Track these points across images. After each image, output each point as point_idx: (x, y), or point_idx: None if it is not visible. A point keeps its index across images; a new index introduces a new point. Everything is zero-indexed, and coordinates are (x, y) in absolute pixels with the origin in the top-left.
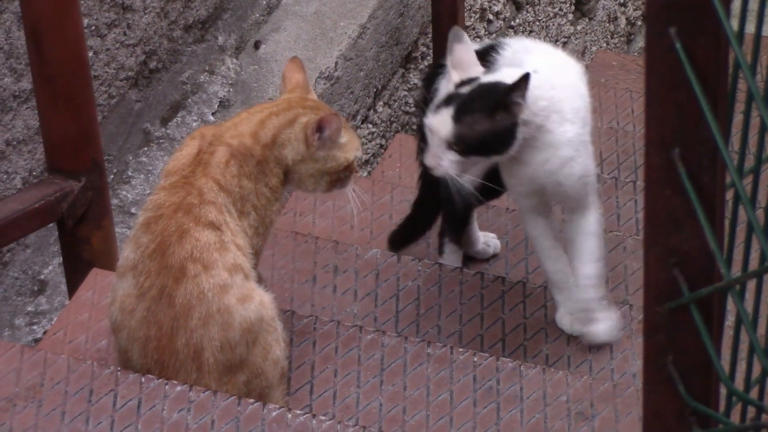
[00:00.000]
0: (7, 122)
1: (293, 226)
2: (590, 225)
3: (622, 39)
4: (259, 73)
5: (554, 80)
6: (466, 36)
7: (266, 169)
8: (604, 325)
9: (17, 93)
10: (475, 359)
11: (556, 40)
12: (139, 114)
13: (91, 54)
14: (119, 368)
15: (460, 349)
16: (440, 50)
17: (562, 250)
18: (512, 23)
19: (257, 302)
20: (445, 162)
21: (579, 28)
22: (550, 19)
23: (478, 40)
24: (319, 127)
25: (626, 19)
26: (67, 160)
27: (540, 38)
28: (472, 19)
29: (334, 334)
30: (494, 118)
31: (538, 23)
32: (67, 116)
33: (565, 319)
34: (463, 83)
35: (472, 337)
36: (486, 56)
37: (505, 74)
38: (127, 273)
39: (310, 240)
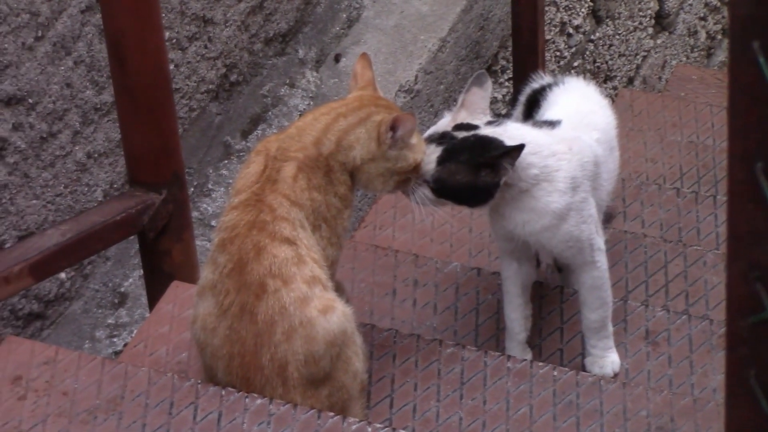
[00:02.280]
0: (89, 135)
1: (373, 239)
2: (588, 280)
3: (702, 53)
4: (339, 86)
5: (559, 146)
6: (489, 83)
7: (333, 179)
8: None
9: (99, 105)
10: (555, 373)
11: (636, 54)
12: (219, 127)
13: (172, 67)
14: (200, 381)
15: (540, 363)
16: (520, 64)
17: (526, 301)
18: (592, 37)
19: (339, 313)
20: (419, 191)
21: (659, 42)
22: (630, 32)
23: (558, 54)
24: (393, 126)
25: (706, 33)
26: (148, 173)
27: (620, 52)
28: (552, 33)
29: (413, 347)
30: (478, 173)
31: (618, 37)
32: (149, 129)
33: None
34: (461, 127)
35: (552, 351)
36: (538, 95)
37: (508, 132)
38: (206, 292)
39: (390, 253)
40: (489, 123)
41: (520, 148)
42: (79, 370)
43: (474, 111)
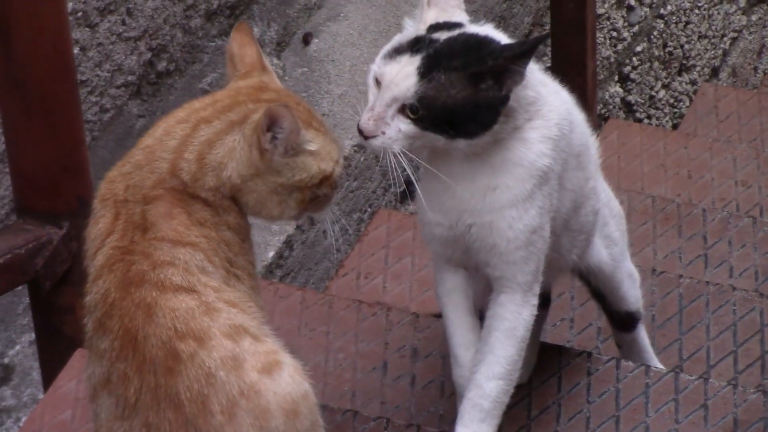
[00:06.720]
0: None
1: (356, 292)
2: (508, 316)
3: None
4: (309, 77)
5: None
6: None
7: (217, 206)
8: None
9: None
10: None
11: (723, 36)
12: (142, 134)
13: (77, 51)
14: None
15: None
16: (562, 48)
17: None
18: (661, 11)
19: (291, 369)
20: (391, 130)
21: (754, 18)
22: (715, 6)
23: (614, 34)
24: (269, 125)
25: None
26: (43, 199)
27: (701, 32)
28: (606, 5)
29: None
30: (478, 85)
31: (697, 12)
32: (44, 137)
33: None
34: (439, 26)
35: None
36: None
37: (496, 34)
38: (101, 392)
39: (379, 312)
40: (471, 22)
41: (542, 39)
42: None
43: (447, 5)
